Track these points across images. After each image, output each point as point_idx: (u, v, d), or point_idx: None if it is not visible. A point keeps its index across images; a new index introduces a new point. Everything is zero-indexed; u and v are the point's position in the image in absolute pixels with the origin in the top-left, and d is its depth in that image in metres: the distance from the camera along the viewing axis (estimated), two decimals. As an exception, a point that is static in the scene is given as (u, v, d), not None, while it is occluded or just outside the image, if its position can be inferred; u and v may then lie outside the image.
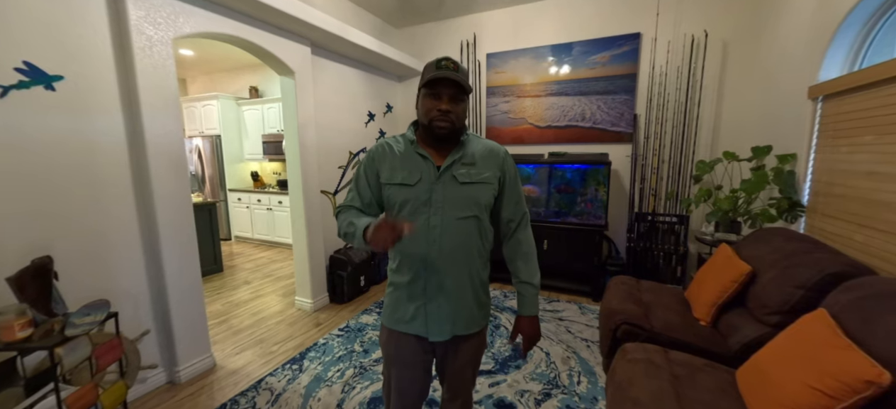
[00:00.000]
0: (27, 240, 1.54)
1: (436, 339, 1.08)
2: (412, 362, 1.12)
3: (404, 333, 1.10)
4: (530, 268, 1.15)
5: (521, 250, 1.15)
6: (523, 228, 1.16)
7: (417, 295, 1.07)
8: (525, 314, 1.15)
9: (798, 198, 2.16)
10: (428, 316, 1.07)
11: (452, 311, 1.07)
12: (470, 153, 1.07)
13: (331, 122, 3.28)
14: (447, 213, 1.03)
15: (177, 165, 2.02)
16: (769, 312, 1.62)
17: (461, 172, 1.04)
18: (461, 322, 1.09)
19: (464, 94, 1.02)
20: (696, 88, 3.05)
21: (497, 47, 3.80)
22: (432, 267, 1.04)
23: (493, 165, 1.08)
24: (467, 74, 1.06)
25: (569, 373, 2.16)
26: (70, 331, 1.37)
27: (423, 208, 1.03)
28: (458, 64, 1.01)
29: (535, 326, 1.16)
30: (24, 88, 1.53)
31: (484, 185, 1.06)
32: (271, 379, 2.12)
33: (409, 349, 1.11)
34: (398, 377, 1.14)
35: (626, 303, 2.06)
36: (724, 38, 2.94)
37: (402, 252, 1.07)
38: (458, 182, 1.03)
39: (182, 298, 2.08)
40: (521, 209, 1.15)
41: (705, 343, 1.73)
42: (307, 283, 3.05)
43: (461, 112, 1.03)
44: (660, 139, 3.21)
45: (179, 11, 2.00)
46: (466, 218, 1.04)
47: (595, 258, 3.19)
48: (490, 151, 1.09)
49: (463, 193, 1.03)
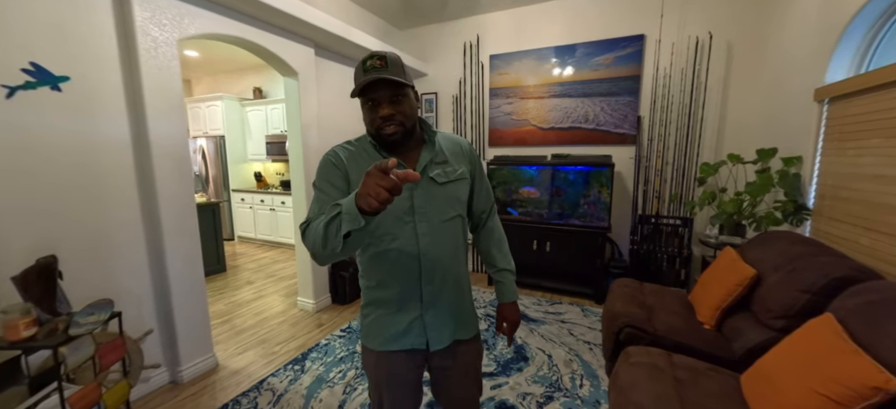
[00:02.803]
0: (32, 239, 1.56)
1: (436, 347, 1.01)
2: (406, 380, 1.04)
3: (396, 351, 1.00)
4: (505, 254, 1.16)
5: (494, 238, 1.15)
6: (493, 216, 1.17)
7: (411, 307, 0.99)
8: (506, 302, 1.15)
9: (803, 201, 2.14)
10: (426, 326, 1.00)
11: (451, 316, 1.02)
12: (440, 150, 1.00)
13: (334, 123, 3.29)
14: (433, 217, 0.96)
15: (181, 165, 2.03)
16: (774, 316, 1.61)
17: (437, 172, 0.98)
18: (460, 325, 1.05)
19: (403, 88, 0.89)
20: (701, 91, 3.03)
21: (500, 49, 3.80)
22: (426, 275, 0.97)
23: (464, 159, 1.04)
24: (400, 63, 0.90)
25: (571, 376, 2.15)
26: (74, 331, 1.38)
27: (406, 217, 0.94)
28: (386, 56, 0.88)
29: (517, 311, 1.17)
30: (31, 88, 1.54)
31: (460, 181, 1.01)
32: (273, 380, 2.12)
33: (403, 366, 1.02)
34: (392, 402, 1.04)
35: (630, 306, 2.05)
36: (729, 40, 2.93)
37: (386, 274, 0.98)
38: (437, 183, 0.97)
39: (185, 298, 2.09)
40: (491, 199, 1.16)
41: (709, 347, 1.72)
42: (309, 283, 3.05)
43: (407, 109, 0.91)
44: (663, 141, 3.20)
45: (185, 13, 2.01)
46: (452, 219, 0.99)
47: (598, 261, 3.17)
48: (456, 144, 1.04)
49: (444, 194, 0.98)
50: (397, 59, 0.90)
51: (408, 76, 0.92)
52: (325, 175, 0.94)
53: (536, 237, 3.39)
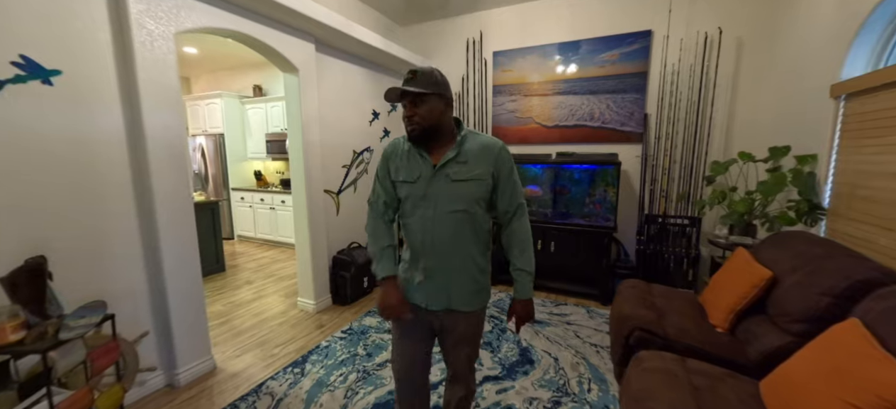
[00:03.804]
0: (23, 238, 1.50)
1: (434, 308, 1.22)
2: (415, 323, 1.26)
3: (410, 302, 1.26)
4: (525, 257, 1.22)
5: (515, 239, 1.23)
6: (518, 217, 1.23)
7: (418, 273, 1.22)
8: (519, 298, 1.24)
9: (818, 200, 2.08)
10: (427, 292, 1.21)
11: (447, 288, 1.20)
12: (465, 151, 1.16)
13: (335, 120, 3.22)
14: (440, 207, 1.15)
15: (177, 162, 1.97)
16: (792, 320, 1.55)
17: (454, 169, 1.15)
18: (456, 299, 1.21)
19: (422, 95, 1.10)
20: (710, 87, 2.97)
21: (504, 45, 3.74)
22: (428, 252, 1.18)
23: (486, 161, 1.16)
24: (430, 76, 1.12)
25: (578, 380, 2.09)
26: (64, 335, 1.32)
27: (420, 202, 1.17)
28: (418, 70, 1.12)
29: (529, 308, 1.25)
30: (20, 82, 1.49)
31: (475, 181, 1.15)
32: (272, 383, 2.06)
33: (414, 313, 1.25)
34: (400, 333, 1.29)
35: (639, 308, 1.99)
36: (739, 35, 2.86)
37: (407, 238, 1.23)
38: (450, 180, 1.14)
39: (182, 298, 2.03)
40: (516, 201, 1.22)
41: (724, 352, 1.66)
42: (310, 284, 2.99)
43: (425, 112, 1.11)
44: (671, 139, 3.14)
45: (181, 5, 1.95)
46: (456, 212, 1.15)
47: (603, 261, 3.12)
48: (484, 148, 1.17)
49: (454, 190, 1.15)
50: (428, 73, 1.12)
51: (438, 86, 1.12)
52: (381, 165, 1.25)
53: (540, 237, 3.33)
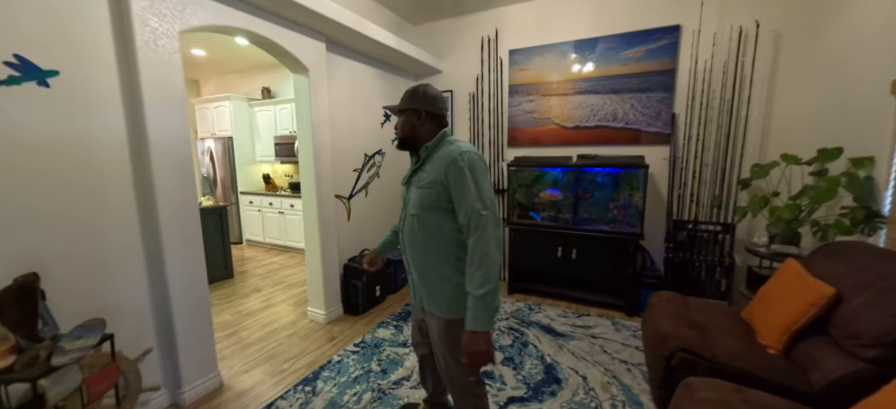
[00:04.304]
0: (17, 248, 1.39)
1: (415, 304, 1.42)
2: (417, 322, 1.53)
3: None
4: (474, 276, 1.12)
5: (470, 256, 1.15)
6: (472, 232, 1.15)
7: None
8: (467, 328, 1.14)
9: (877, 207, 1.88)
10: (412, 288, 1.40)
11: (420, 287, 1.33)
12: (429, 160, 1.27)
13: (345, 122, 3.10)
14: (408, 210, 1.33)
15: (183, 166, 1.86)
16: (863, 344, 1.37)
17: (418, 177, 1.29)
18: (427, 298, 1.32)
19: (400, 112, 1.32)
20: (745, 85, 2.78)
21: (520, 43, 3.58)
22: (405, 250, 1.36)
23: (438, 169, 1.20)
24: (416, 93, 1.29)
25: (612, 402, 1.92)
26: (57, 360, 1.20)
27: (403, 205, 1.38)
28: (409, 90, 1.32)
29: (478, 342, 1.11)
30: (15, 83, 1.38)
31: (426, 188, 1.24)
32: (282, 403, 1.93)
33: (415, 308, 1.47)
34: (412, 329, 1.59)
35: (678, 325, 1.82)
36: (777, 28, 2.67)
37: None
38: (415, 186, 1.29)
39: (188, 313, 1.91)
40: (468, 214, 1.15)
41: (781, 378, 1.48)
42: (320, 293, 2.87)
43: (400, 125, 1.33)
44: (701, 141, 2.95)
45: (187, 2, 1.84)
46: (413, 215, 1.29)
47: (629, 269, 2.94)
48: (441, 157, 1.22)
49: (414, 196, 1.29)
50: (410, 91, 1.32)
51: (412, 101, 1.29)
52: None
53: (561, 244, 3.16)
